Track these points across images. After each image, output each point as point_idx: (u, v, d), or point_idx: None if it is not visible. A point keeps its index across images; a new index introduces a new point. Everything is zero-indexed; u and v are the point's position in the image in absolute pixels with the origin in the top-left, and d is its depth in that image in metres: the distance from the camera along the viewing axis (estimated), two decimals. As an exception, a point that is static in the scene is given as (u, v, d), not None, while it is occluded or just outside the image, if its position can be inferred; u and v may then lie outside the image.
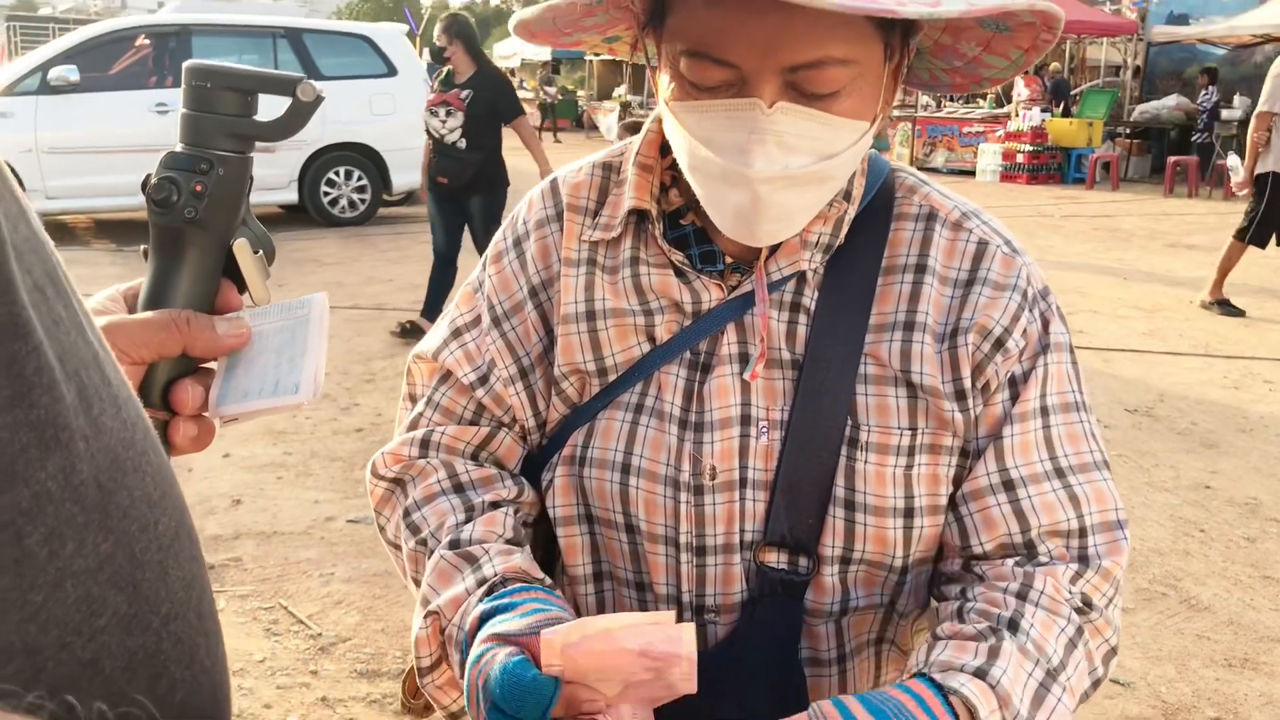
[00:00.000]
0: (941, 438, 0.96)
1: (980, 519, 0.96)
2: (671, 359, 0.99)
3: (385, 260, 8.93)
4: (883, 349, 0.96)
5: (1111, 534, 0.96)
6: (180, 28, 10.42)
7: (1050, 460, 0.96)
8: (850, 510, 0.96)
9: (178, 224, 0.75)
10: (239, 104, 0.77)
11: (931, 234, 0.99)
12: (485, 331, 1.05)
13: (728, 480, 0.97)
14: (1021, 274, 0.98)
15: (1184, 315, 7.23)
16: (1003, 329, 0.95)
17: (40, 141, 9.33)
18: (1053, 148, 16.15)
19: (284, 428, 4.70)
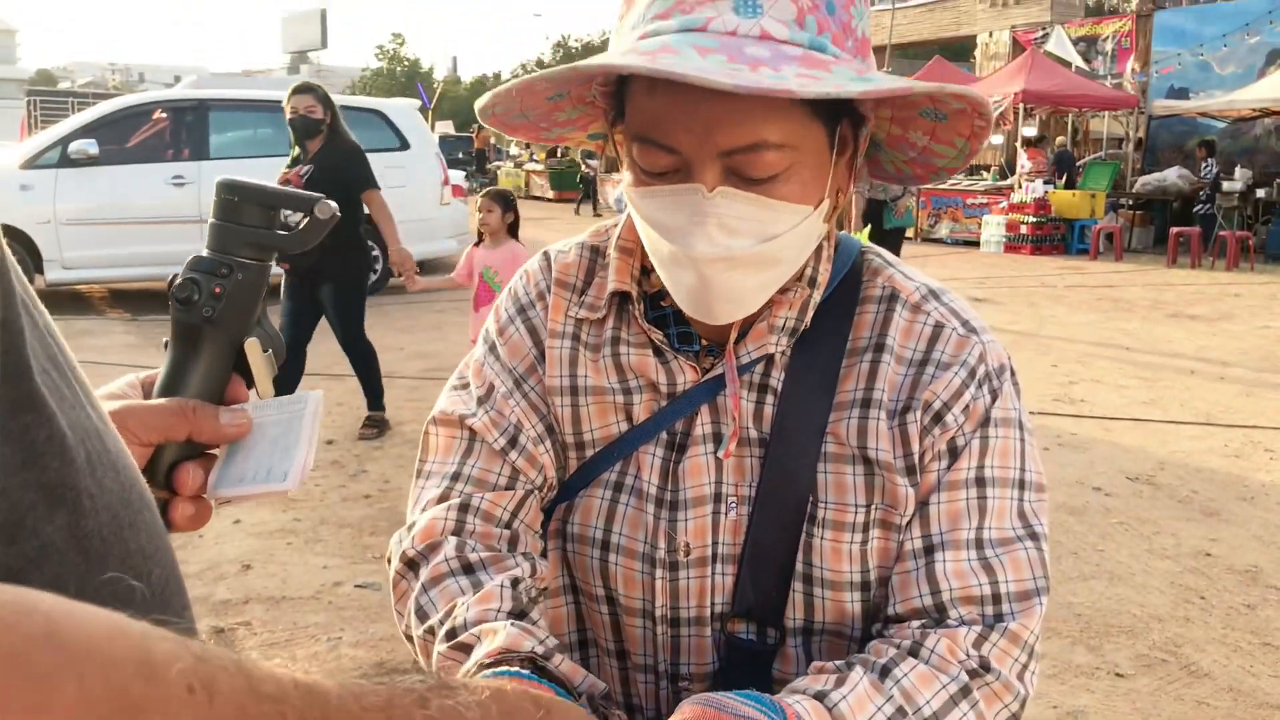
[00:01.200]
0: (892, 515, 0.99)
1: (898, 581, 0.98)
2: (649, 439, 1.03)
3: (395, 329, 9.03)
4: (842, 426, 0.99)
5: (1028, 601, 0.96)
6: (198, 102, 10.66)
7: (976, 530, 0.97)
8: (809, 584, 0.99)
9: (196, 321, 0.83)
10: (262, 217, 0.86)
11: (892, 315, 1.02)
12: (507, 395, 1.07)
13: (700, 556, 1.02)
14: (974, 353, 1.00)
15: (1185, 384, 7.28)
16: (942, 404, 0.98)
17: (59, 213, 9.52)
18: (1056, 219, 16.32)
19: (294, 495, 4.75)
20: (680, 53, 0.82)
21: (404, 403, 6.36)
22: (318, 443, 0.86)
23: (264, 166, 10.35)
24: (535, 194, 28.28)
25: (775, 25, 0.85)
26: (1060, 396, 6.85)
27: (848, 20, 0.89)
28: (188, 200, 9.93)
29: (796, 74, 0.82)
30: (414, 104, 11.74)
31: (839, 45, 0.88)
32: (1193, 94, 18.54)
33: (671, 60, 0.81)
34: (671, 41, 0.84)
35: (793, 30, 0.86)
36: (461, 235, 11.29)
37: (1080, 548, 4.31)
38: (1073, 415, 6.39)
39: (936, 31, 25.21)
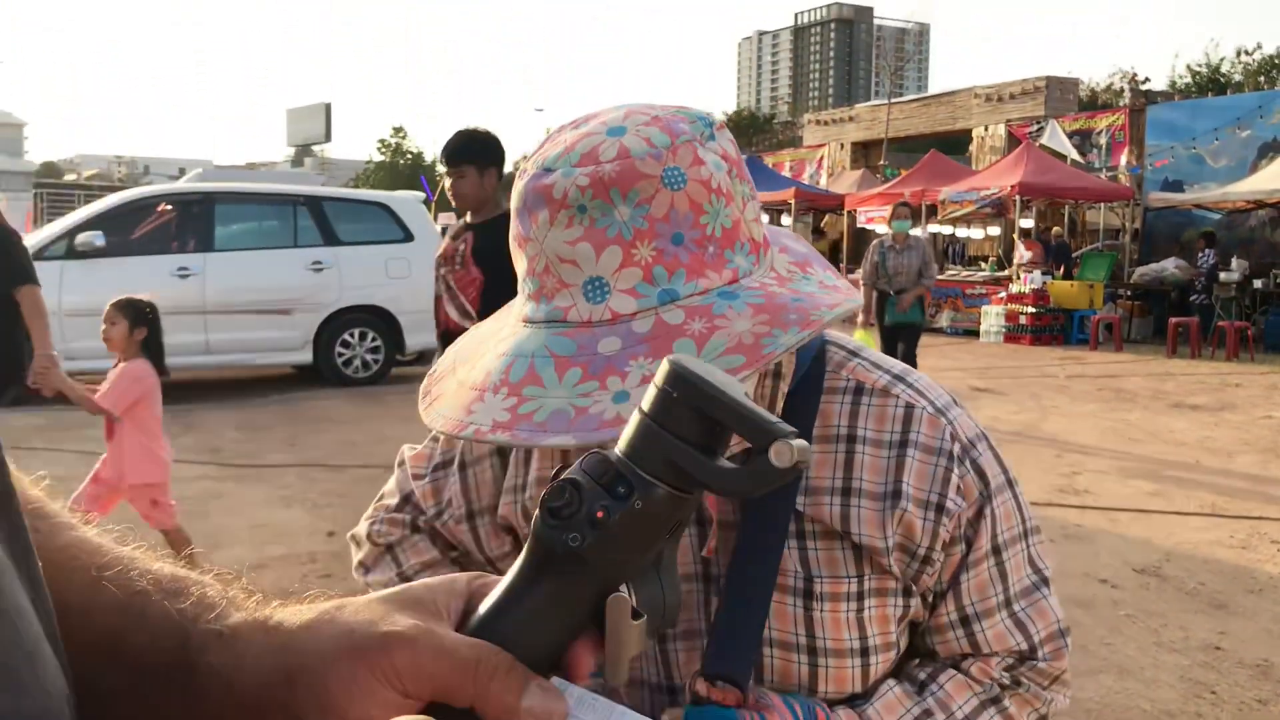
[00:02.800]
0: (886, 582, 1.07)
1: (942, 650, 1.11)
2: None
3: (397, 419, 9.03)
4: (824, 511, 1.05)
5: (1056, 643, 1.11)
6: (203, 195, 10.81)
7: (1003, 593, 1.09)
8: (813, 655, 1.06)
9: (557, 547, 0.57)
10: (701, 433, 0.57)
11: (860, 405, 1.08)
12: (454, 471, 1.20)
13: (689, 629, 1.08)
14: (946, 433, 1.06)
15: (1189, 475, 7.26)
16: (939, 495, 1.05)
17: (63, 305, 9.58)
18: (1055, 309, 16.42)
19: (294, 588, 4.68)
20: (543, 381, 0.88)
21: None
22: None
23: (268, 259, 10.47)
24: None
25: (622, 300, 0.89)
26: (1064, 488, 6.82)
27: (700, 234, 0.91)
28: (192, 292, 10.01)
29: (641, 379, 0.85)
30: (418, 196, 11.91)
31: (697, 272, 0.90)
32: (1187, 186, 18.79)
33: (534, 400, 0.87)
34: (539, 356, 0.90)
35: (641, 294, 0.89)
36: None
37: (1088, 641, 4.25)
38: (1077, 506, 6.35)
39: (933, 126, 25.64)
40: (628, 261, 0.89)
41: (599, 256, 0.89)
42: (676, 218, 0.90)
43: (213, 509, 6.05)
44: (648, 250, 0.89)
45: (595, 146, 0.91)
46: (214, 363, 10.44)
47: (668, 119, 0.94)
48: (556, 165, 0.92)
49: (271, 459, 7.43)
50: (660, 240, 0.90)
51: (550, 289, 0.92)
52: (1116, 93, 32.11)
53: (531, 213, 0.92)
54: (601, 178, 0.89)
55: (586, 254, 0.90)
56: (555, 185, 0.91)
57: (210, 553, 5.18)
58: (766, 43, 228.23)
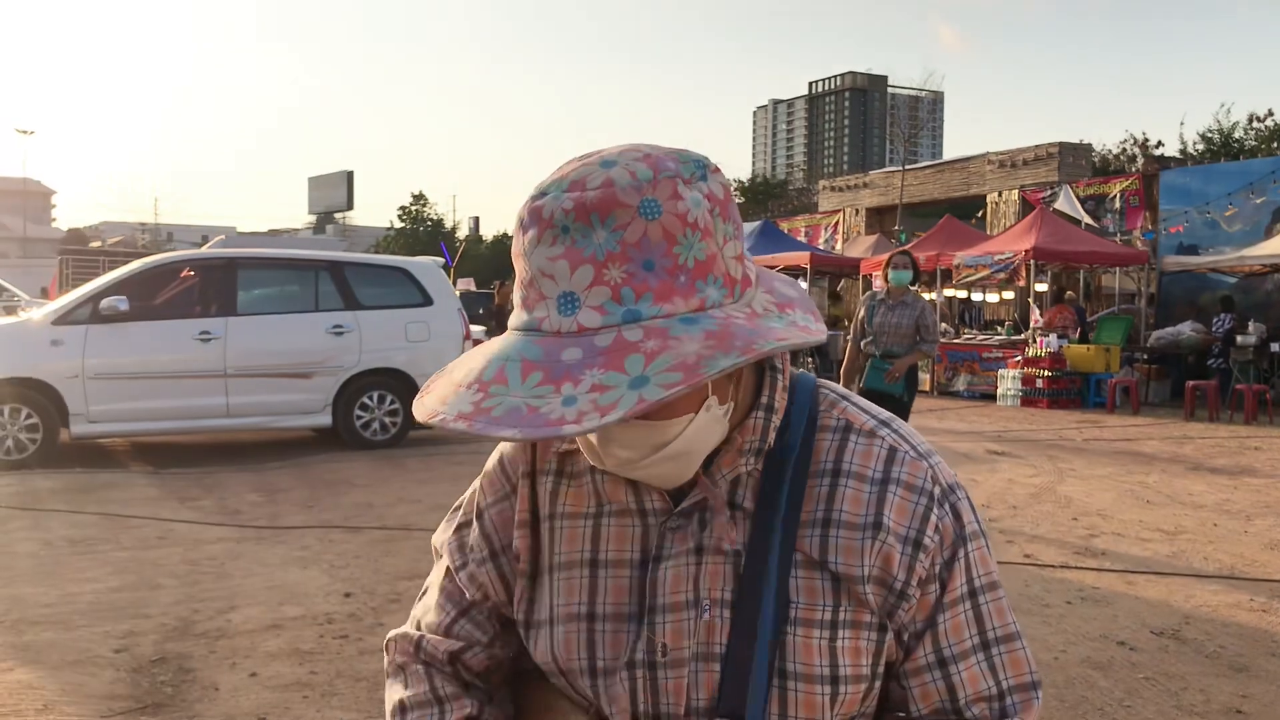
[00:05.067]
0: (861, 615, 1.12)
1: (919, 692, 1.15)
2: (622, 561, 1.16)
3: (414, 481, 9.08)
4: (805, 542, 1.12)
5: (1026, 693, 1.16)
6: (227, 260, 10.97)
7: (979, 635, 1.15)
8: (783, 678, 1.10)
9: None
10: None
11: (847, 443, 1.15)
12: (473, 524, 1.28)
13: (678, 657, 1.12)
14: (928, 476, 1.14)
15: (1208, 538, 7.22)
16: (917, 530, 1.12)
17: (87, 368, 9.71)
18: (1072, 373, 16.41)
19: (310, 648, 4.73)
20: (508, 382, 0.96)
21: (421, 556, 6.35)
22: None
23: (289, 323, 10.60)
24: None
25: (589, 315, 0.97)
26: (1081, 549, 6.80)
27: (673, 264, 0.98)
28: (213, 355, 10.12)
29: (591, 384, 0.92)
30: (438, 262, 12.04)
31: (664, 298, 0.97)
32: (1202, 250, 18.84)
33: (498, 396, 0.95)
34: (511, 359, 0.98)
35: (607, 312, 0.96)
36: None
37: (1106, 704, 4.23)
38: (1095, 569, 6.33)
39: (946, 191, 25.82)
40: (598, 280, 0.97)
41: (573, 273, 0.97)
42: (649, 245, 0.97)
43: (231, 569, 6.09)
44: (618, 272, 0.97)
45: (585, 176, 1.00)
46: (234, 425, 10.52)
47: (658, 156, 1.02)
48: (549, 190, 1.01)
49: (290, 520, 7.47)
50: (631, 264, 0.97)
51: (531, 300, 1.00)
52: (1130, 158, 32.28)
53: (525, 231, 1.02)
54: (584, 202, 0.98)
55: (563, 270, 0.98)
56: (545, 207, 1.00)
57: (228, 613, 5.21)
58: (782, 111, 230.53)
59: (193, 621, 5.08)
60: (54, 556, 6.33)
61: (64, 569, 6.03)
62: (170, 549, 6.57)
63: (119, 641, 4.76)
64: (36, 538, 6.80)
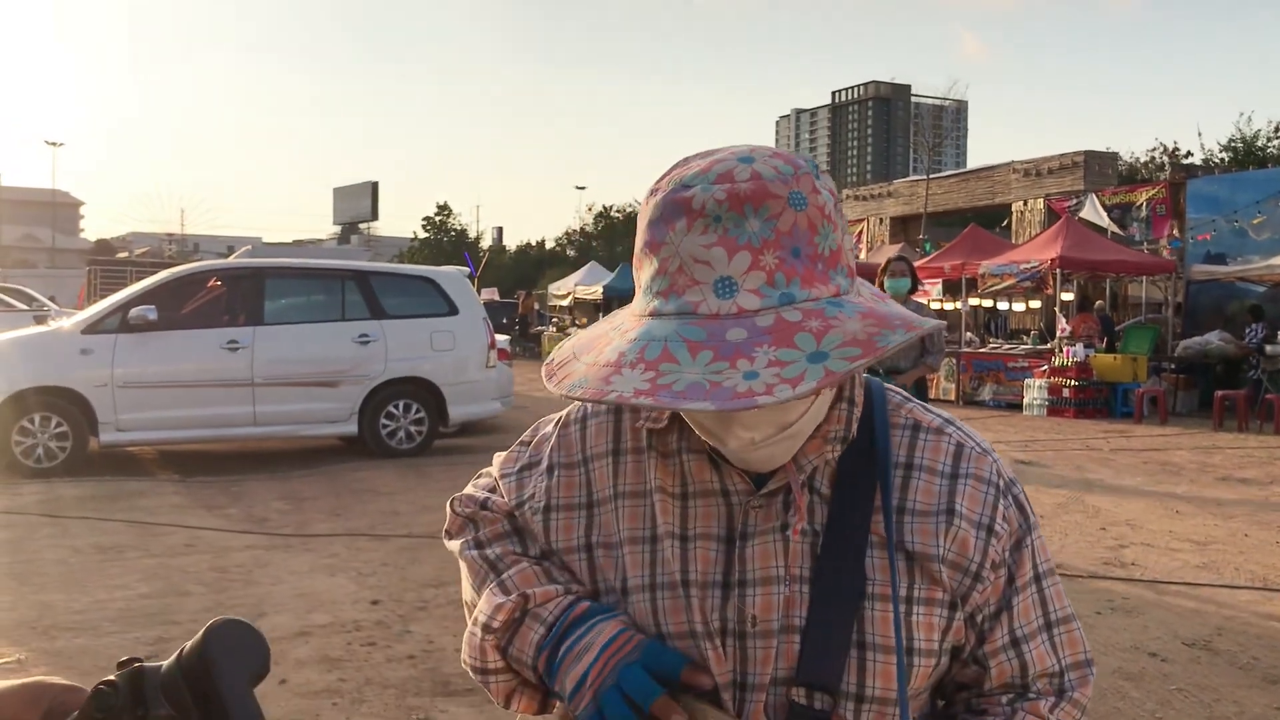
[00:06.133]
0: (934, 592, 1.19)
1: (995, 671, 1.23)
2: (709, 536, 1.20)
3: (440, 489, 9.10)
4: (879, 526, 1.19)
5: (1081, 670, 1.26)
6: (255, 270, 11.04)
7: (1043, 617, 1.24)
8: (862, 650, 1.16)
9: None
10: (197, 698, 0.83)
11: (917, 439, 1.23)
12: (541, 472, 1.31)
13: (766, 629, 1.17)
14: (993, 469, 1.23)
15: (1239, 548, 7.15)
16: (989, 518, 1.20)
17: (116, 377, 9.78)
18: (1099, 382, 16.30)
19: (338, 655, 4.75)
20: (678, 360, 1.00)
21: (448, 563, 6.36)
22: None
23: (316, 332, 10.66)
24: (577, 358, 28.63)
25: (748, 298, 1.02)
26: (1111, 560, 6.74)
27: (814, 251, 1.05)
28: (240, 364, 10.19)
29: (768, 360, 0.98)
30: (463, 271, 12.09)
31: (809, 282, 1.04)
32: (1229, 259, 18.68)
33: (670, 374, 0.99)
34: (671, 337, 1.02)
35: (764, 295, 1.02)
36: (506, 397, 11.46)
37: (1138, 715, 4.19)
38: (1124, 579, 6.28)
39: (971, 200, 25.73)
40: (755, 266, 1.03)
41: (730, 259, 1.03)
42: (797, 234, 1.04)
43: (259, 577, 6.12)
44: (772, 258, 1.03)
45: (730, 170, 1.06)
46: (261, 434, 10.59)
47: (788, 155, 1.10)
48: (695, 183, 1.06)
49: (317, 528, 7.51)
50: (782, 251, 1.03)
51: (681, 286, 1.04)
52: (1158, 166, 32.08)
53: (669, 222, 1.06)
54: (737, 193, 1.03)
55: (719, 257, 1.03)
56: (694, 198, 1.05)
57: (255, 620, 5.23)
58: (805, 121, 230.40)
59: (221, 628, 5.10)
60: (83, 564, 6.38)
61: (93, 576, 6.08)
62: (198, 556, 6.61)
63: (149, 648, 4.79)
64: (66, 545, 6.85)
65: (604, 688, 1.06)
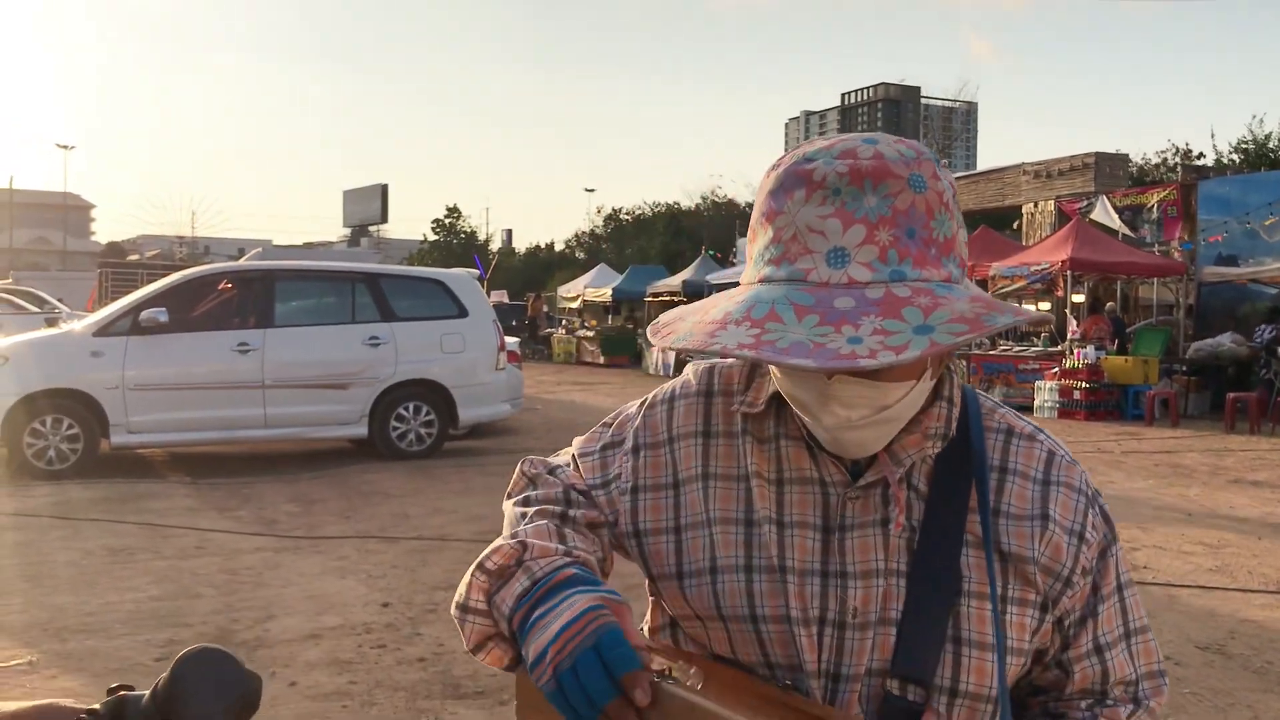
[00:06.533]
0: (1027, 593, 1.20)
1: (1078, 676, 1.26)
2: (806, 524, 1.21)
3: (449, 492, 9.10)
4: (975, 526, 1.20)
5: (1155, 680, 1.28)
6: (265, 272, 11.07)
7: (1123, 626, 1.27)
8: (957, 645, 1.17)
9: None
10: None
11: (1010, 444, 1.25)
12: (625, 452, 1.31)
13: (864, 621, 1.19)
14: (1082, 479, 1.26)
15: (1252, 551, 7.12)
16: (1080, 525, 1.23)
17: (126, 379, 9.81)
18: (1110, 384, 16.24)
19: (348, 657, 4.75)
20: (783, 320, 1.03)
21: (459, 566, 6.36)
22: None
23: (326, 335, 10.67)
24: (586, 360, 28.73)
25: (859, 270, 1.04)
26: (1123, 563, 6.71)
27: (928, 235, 1.07)
28: (251, 366, 10.21)
29: (873, 329, 1.00)
30: (473, 274, 12.11)
31: (921, 264, 1.06)
32: (1241, 261, 18.61)
33: (775, 332, 1.02)
34: (779, 300, 1.05)
35: (875, 269, 1.04)
36: (516, 399, 11.46)
37: (1152, 719, 4.16)
38: (1137, 583, 6.24)
39: (982, 202, 25.66)
40: (869, 240, 1.05)
41: (845, 231, 1.05)
42: (914, 215, 1.06)
43: (269, 579, 6.12)
44: (887, 235, 1.05)
45: (854, 148, 1.08)
46: (272, 436, 10.60)
47: (911, 142, 1.12)
48: (817, 156, 1.09)
49: (327, 531, 7.51)
50: (897, 229, 1.05)
51: (794, 254, 1.07)
52: (1170, 168, 31.97)
53: (788, 192, 1.09)
54: (859, 169, 1.06)
55: (834, 228, 1.05)
56: (816, 170, 1.07)
57: (266, 622, 5.24)
58: (814, 123, 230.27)
59: (232, 631, 5.11)
60: (94, 566, 6.39)
61: (104, 578, 6.09)
62: (209, 559, 6.62)
63: (160, 650, 4.79)
64: (77, 547, 6.87)
65: (562, 669, 1.02)
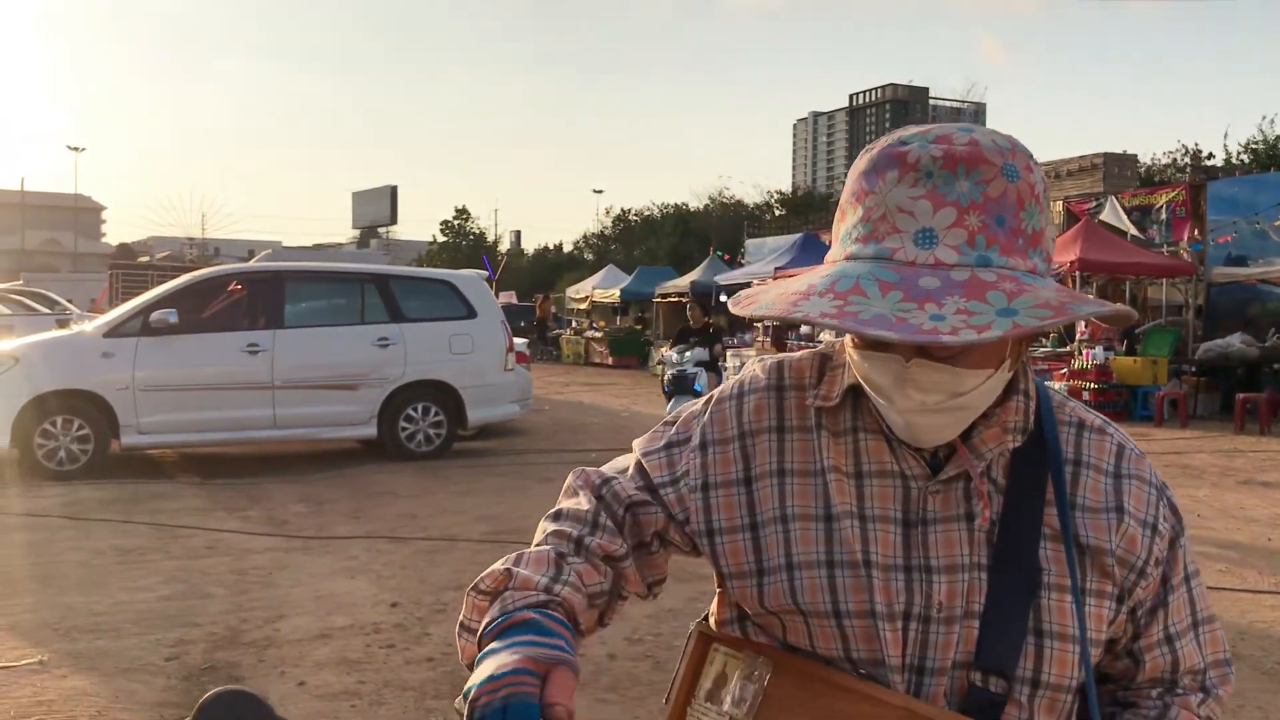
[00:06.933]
0: (1104, 585, 1.22)
1: (1149, 665, 1.28)
2: (887, 517, 1.22)
3: (458, 492, 9.12)
4: (1052, 519, 1.21)
5: (1222, 669, 1.31)
6: (275, 274, 11.10)
7: (1191, 616, 1.29)
8: (1039, 637, 1.19)
9: None
10: None
11: (1083, 437, 1.27)
12: (692, 450, 1.30)
13: (949, 615, 1.19)
14: (1151, 472, 1.28)
15: (1262, 552, 7.10)
16: (1153, 517, 1.25)
17: (136, 380, 9.84)
18: (1119, 385, 16.20)
19: (357, 657, 4.76)
20: (867, 295, 1.04)
21: (467, 566, 6.38)
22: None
23: (336, 336, 10.70)
24: (595, 360, 28.77)
25: (947, 252, 1.06)
26: (1132, 564, 6.70)
27: (1017, 225, 1.09)
28: (261, 367, 10.23)
29: (956, 309, 1.01)
30: (481, 275, 12.13)
31: (1008, 252, 1.08)
32: (1251, 261, 18.54)
33: (858, 305, 1.04)
34: (864, 276, 1.07)
35: (962, 253, 1.06)
36: (524, 400, 11.48)
37: (1161, 720, 4.16)
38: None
39: (990, 202, 25.60)
40: (958, 223, 1.07)
41: (935, 213, 1.07)
42: (1005, 203, 1.08)
43: (279, 579, 6.14)
44: (976, 220, 1.07)
45: (949, 134, 1.10)
46: (281, 436, 10.63)
47: (1006, 135, 1.13)
48: (912, 140, 1.11)
49: (336, 531, 7.53)
50: (987, 216, 1.07)
51: (882, 233, 1.09)
52: (1180, 169, 31.88)
53: (880, 173, 1.10)
54: (953, 154, 1.08)
55: (925, 209, 1.07)
56: (910, 152, 1.09)
57: (276, 622, 5.25)
58: (822, 124, 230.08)
59: (241, 630, 5.13)
60: (105, 566, 6.41)
61: (115, 578, 6.11)
62: (218, 559, 6.64)
63: (169, 650, 4.81)
64: (88, 547, 6.89)
65: (475, 715, 0.99)
